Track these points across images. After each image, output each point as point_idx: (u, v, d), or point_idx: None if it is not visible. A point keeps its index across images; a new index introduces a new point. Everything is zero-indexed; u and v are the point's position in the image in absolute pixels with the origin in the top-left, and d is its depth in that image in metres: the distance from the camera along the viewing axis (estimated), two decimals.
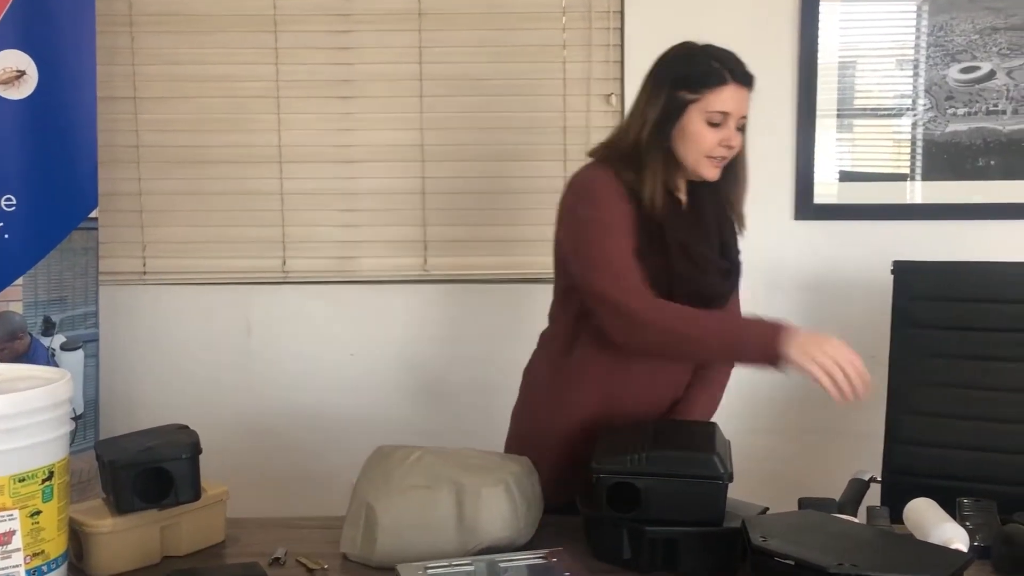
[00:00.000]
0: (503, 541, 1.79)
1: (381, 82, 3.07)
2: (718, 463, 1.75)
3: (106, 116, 3.00)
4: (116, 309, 3.10)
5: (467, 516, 1.78)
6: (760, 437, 3.05)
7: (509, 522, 1.80)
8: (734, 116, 1.98)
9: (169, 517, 1.86)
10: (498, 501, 1.80)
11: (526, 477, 1.88)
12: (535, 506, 1.88)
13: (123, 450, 1.85)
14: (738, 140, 2.01)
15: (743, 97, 1.99)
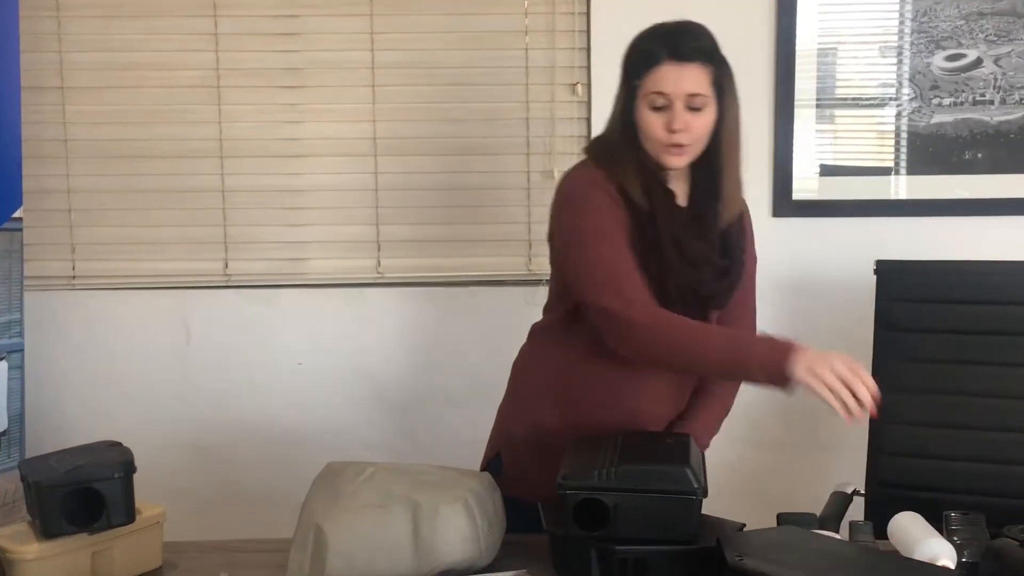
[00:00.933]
0: (463, 563, 1.79)
1: (330, 71, 3.06)
2: (691, 477, 1.76)
3: (31, 107, 2.97)
4: (43, 316, 3.07)
5: (424, 536, 1.77)
6: (736, 449, 3.06)
7: (469, 542, 1.80)
8: (677, 96, 1.97)
9: (101, 541, 1.84)
10: (457, 519, 1.79)
11: (487, 494, 1.88)
12: (497, 525, 1.88)
13: (50, 469, 1.83)
14: (684, 122, 1.97)
15: (685, 74, 1.97)
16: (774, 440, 3.10)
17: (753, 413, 3.09)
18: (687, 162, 2.03)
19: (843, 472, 2.59)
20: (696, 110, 1.98)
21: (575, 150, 3.05)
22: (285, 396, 3.11)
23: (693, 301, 2.01)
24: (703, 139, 2.02)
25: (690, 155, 2.02)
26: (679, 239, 2.01)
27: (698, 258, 2.03)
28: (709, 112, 2.00)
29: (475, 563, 1.81)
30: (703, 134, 2.01)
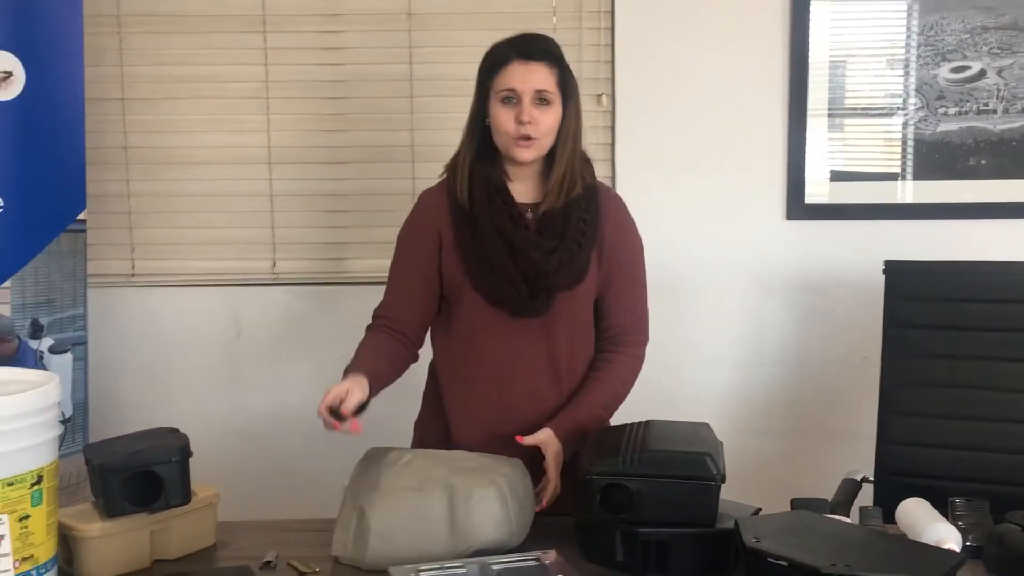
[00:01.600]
0: (496, 543, 1.79)
1: (370, 82, 3.07)
2: (710, 464, 1.75)
3: (94, 117, 2.98)
4: (104, 311, 3.09)
5: (459, 518, 1.78)
6: (752, 438, 3.06)
7: (502, 524, 1.80)
8: (525, 92, 2.02)
9: (159, 521, 1.86)
10: (490, 502, 1.80)
11: (518, 479, 1.88)
12: (527, 508, 1.88)
13: (112, 453, 1.84)
14: (532, 115, 2.02)
15: (532, 71, 2.03)
16: (788, 429, 3.08)
17: (769, 403, 3.08)
18: (535, 156, 2.07)
19: (853, 460, 2.57)
20: (544, 104, 2.03)
21: (601, 156, 3.06)
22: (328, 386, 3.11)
23: (535, 283, 2.06)
24: (550, 134, 2.06)
25: (538, 149, 2.06)
26: (503, 230, 2.06)
27: (524, 243, 2.06)
28: (555, 109, 2.06)
29: (507, 543, 1.81)
30: (549, 129, 2.06)
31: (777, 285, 3.06)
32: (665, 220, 3.05)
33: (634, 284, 2.20)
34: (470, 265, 2.08)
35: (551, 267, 2.05)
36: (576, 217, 2.09)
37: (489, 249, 2.06)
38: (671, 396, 3.04)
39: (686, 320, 3.07)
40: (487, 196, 2.08)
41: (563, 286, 2.08)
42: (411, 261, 2.16)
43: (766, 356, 3.08)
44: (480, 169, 2.10)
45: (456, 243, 2.11)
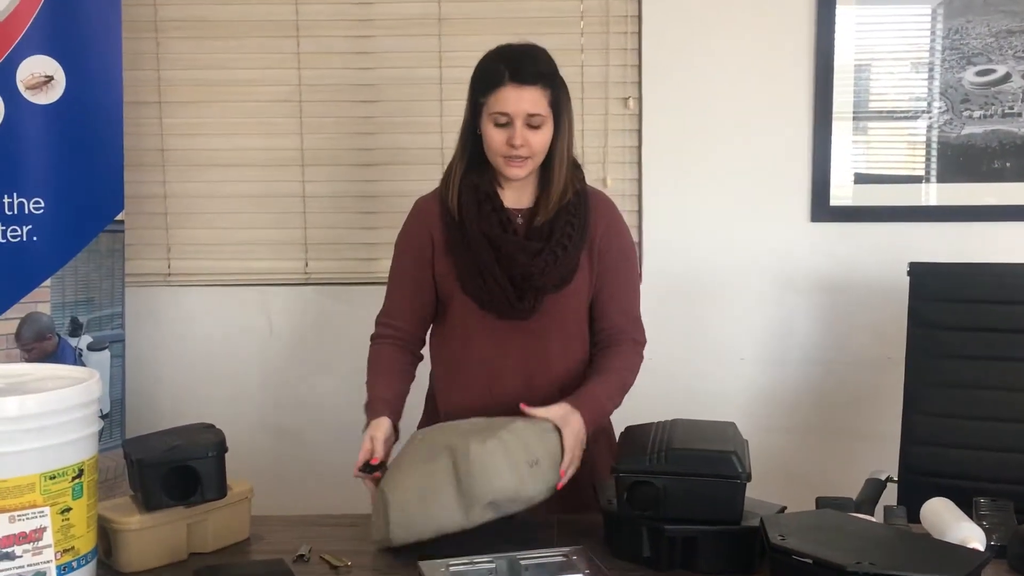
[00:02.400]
0: (503, 492, 1.79)
1: (401, 86, 3.08)
2: (736, 462, 1.75)
3: (132, 120, 3.01)
4: (141, 310, 3.12)
5: (462, 478, 1.80)
6: (778, 437, 3.05)
7: (504, 471, 1.80)
8: (517, 116, 2.02)
9: (196, 514, 1.87)
10: (490, 455, 1.81)
11: (533, 433, 1.88)
12: (547, 461, 1.87)
13: (151, 448, 1.86)
14: (524, 138, 2.02)
15: (524, 96, 2.01)
16: (813, 428, 3.07)
17: (794, 403, 3.07)
18: (527, 173, 2.08)
19: (878, 460, 2.56)
20: (535, 127, 2.03)
21: (627, 159, 3.06)
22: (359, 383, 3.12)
23: (522, 285, 2.06)
24: (541, 152, 2.07)
25: (529, 167, 2.08)
26: (491, 234, 2.07)
27: (511, 247, 2.06)
28: (546, 129, 2.06)
29: (518, 492, 1.81)
30: (541, 148, 2.06)
31: (802, 286, 3.05)
32: (691, 222, 3.05)
33: (627, 285, 2.20)
34: (460, 269, 2.10)
35: (537, 269, 2.06)
36: (564, 220, 2.10)
37: (477, 253, 2.07)
38: (697, 395, 3.04)
39: (712, 321, 3.07)
40: (476, 203, 2.09)
41: (550, 287, 2.08)
42: (407, 267, 2.19)
43: (791, 356, 3.07)
44: (470, 177, 2.11)
45: (447, 248, 2.12)
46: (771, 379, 3.09)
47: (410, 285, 2.19)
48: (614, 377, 2.11)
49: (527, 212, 2.12)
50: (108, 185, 2.84)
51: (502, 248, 2.06)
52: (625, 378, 2.13)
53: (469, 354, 2.13)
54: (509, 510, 1.83)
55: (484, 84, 2.06)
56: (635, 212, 3.05)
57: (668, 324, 2.96)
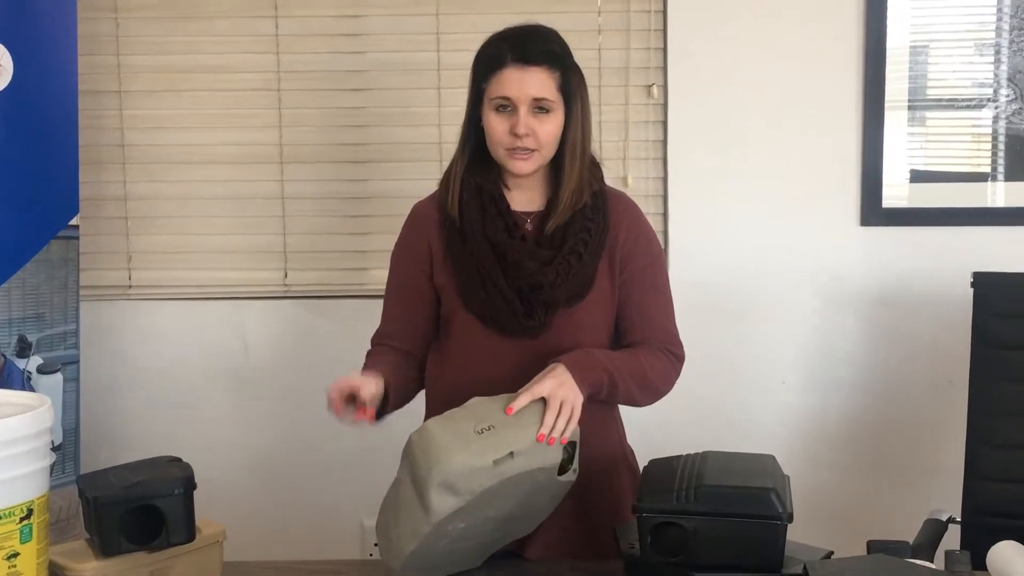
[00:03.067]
0: (452, 465, 1.75)
1: (395, 73, 3.09)
2: (776, 501, 1.75)
3: (88, 112, 3.03)
4: (99, 327, 3.13)
5: (411, 469, 1.80)
6: (823, 471, 3.04)
7: (445, 443, 1.77)
8: (521, 100, 2.01)
9: (160, 560, 1.87)
10: (428, 432, 1.81)
11: (493, 405, 1.87)
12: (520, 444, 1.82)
13: (109, 485, 1.86)
14: (529, 126, 2.02)
15: (528, 78, 2.01)
16: (864, 462, 3.07)
17: (842, 433, 3.07)
18: (534, 168, 2.07)
19: (938, 497, 2.56)
20: (542, 114, 2.03)
21: (651, 155, 3.06)
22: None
23: (529, 297, 2.05)
24: (550, 144, 2.06)
25: (537, 160, 2.06)
26: (495, 240, 2.07)
27: (518, 254, 2.06)
28: (555, 117, 2.05)
29: (468, 465, 1.76)
30: (550, 139, 2.05)
31: (850, 300, 3.05)
32: (724, 227, 3.05)
33: (655, 294, 2.18)
34: (461, 281, 2.10)
35: (547, 279, 2.05)
36: (579, 225, 2.09)
37: (479, 262, 2.07)
38: (731, 424, 3.04)
39: (748, 339, 3.07)
40: (479, 206, 2.09)
41: (562, 301, 2.07)
42: (404, 282, 2.20)
43: (838, 379, 3.07)
44: (473, 177, 2.11)
45: (446, 258, 2.13)
46: (815, 406, 3.08)
47: (409, 302, 2.18)
48: (626, 355, 2.09)
49: (538, 216, 2.12)
50: (61, 185, 2.85)
51: (508, 256, 2.06)
52: (644, 366, 2.08)
53: (469, 378, 2.10)
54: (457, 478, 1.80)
55: (485, 67, 2.07)
56: (660, 215, 3.06)
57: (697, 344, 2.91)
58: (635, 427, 2.27)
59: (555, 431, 1.83)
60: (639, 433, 2.29)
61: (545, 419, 1.83)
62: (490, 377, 2.05)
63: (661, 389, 2.13)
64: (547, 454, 1.82)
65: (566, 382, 1.90)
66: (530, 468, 1.80)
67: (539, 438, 1.81)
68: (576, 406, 1.88)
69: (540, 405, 1.86)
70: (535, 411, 1.85)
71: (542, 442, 1.81)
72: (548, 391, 1.87)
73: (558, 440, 1.83)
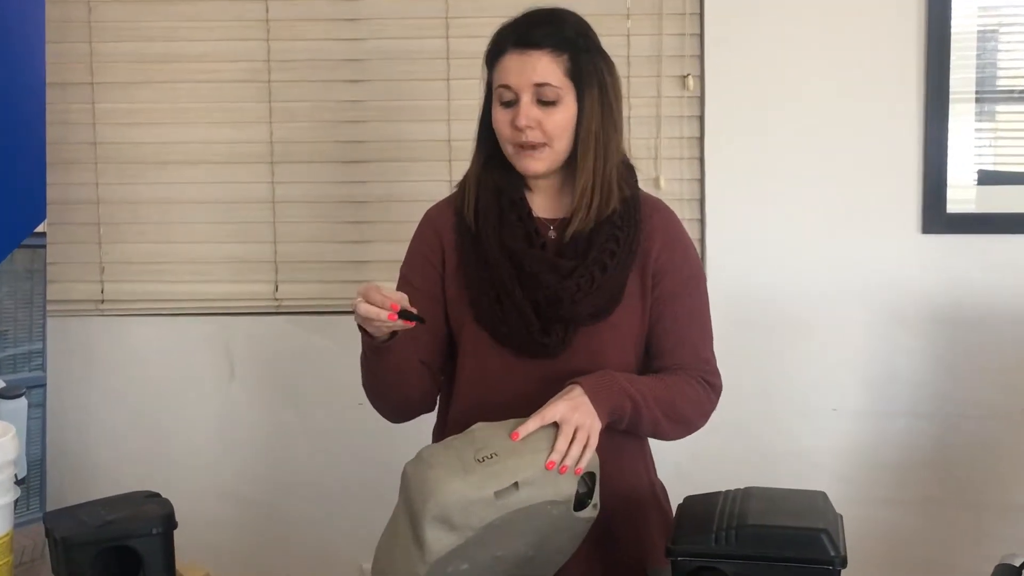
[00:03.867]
0: (448, 496, 1.75)
1: (398, 61, 3.10)
2: (828, 543, 1.74)
3: (56, 106, 3.05)
4: (67, 346, 3.15)
5: (406, 503, 1.79)
6: (880, 509, 3.03)
7: (443, 474, 1.77)
8: (521, 88, 2.01)
9: None
10: (424, 462, 1.80)
11: (498, 429, 1.86)
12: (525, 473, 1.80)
13: (79, 524, 1.87)
14: (532, 117, 2.01)
15: (529, 63, 2.01)
16: (924, 498, 3.06)
17: (901, 466, 3.06)
18: (545, 167, 2.07)
19: (1011, 539, 2.55)
20: (548, 104, 2.02)
21: (685, 154, 3.07)
22: (344, 441, 3.14)
23: (547, 314, 2.04)
24: (561, 137, 2.05)
25: (549, 158, 2.06)
26: (512, 248, 2.06)
27: (537, 264, 2.05)
28: (564, 107, 2.04)
29: (465, 497, 1.75)
30: (559, 132, 2.04)
31: (910, 316, 3.05)
32: (767, 235, 3.06)
33: (692, 316, 2.16)
34: (473, 292, 2.10)
35: (567, 293, 2.04)
36: (606, 233, 2.08)
37: (494, 272, 2.07)
38: (776, 456, 3.03)
39: (794, 360, 3.07)
40: (498, 210, 2.10)
41: (584, 318, 2.06)
42: (418, 285, 2.17)
43: (897, 405, 3.06)
44: (491, 179, 2.12)
45: (459, 267, 2.13)
46: (872, 436, 3.08)
47: (423, 305, 2.12)
48: (654, 380, 2.08)
49: (562, 224, 2.11)
50: (26, 188, 2.87)
51: (524, 265, 2.06)
52: (673, 394, 2.07)
53: (477, 402, 2.10)
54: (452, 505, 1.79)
55: (490, 55, 2.09)
56: (696, 221, 3.07)
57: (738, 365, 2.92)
58: (667, 461, 2.27)
59: (568, 459, 1.81)
60: (671, 467, 2.29)
61: (556, 445, 1.82)
62: (502, 402, 2.03)
63: (693, 422, 2.13)
64: (559, 485, 1.81)
65: (582, 405, 1.89)
66: (539, 501, 1.79)
67: (549, 466, 1.80)
68: (593, 433, 1.87)
69: (551, 431, 1.85)
70: (545, 437, 1.83)
71: (553, 471, 1.80)
72: (561, 415, 1.86)
73: (572, 469, 1.82)
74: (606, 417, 1.93)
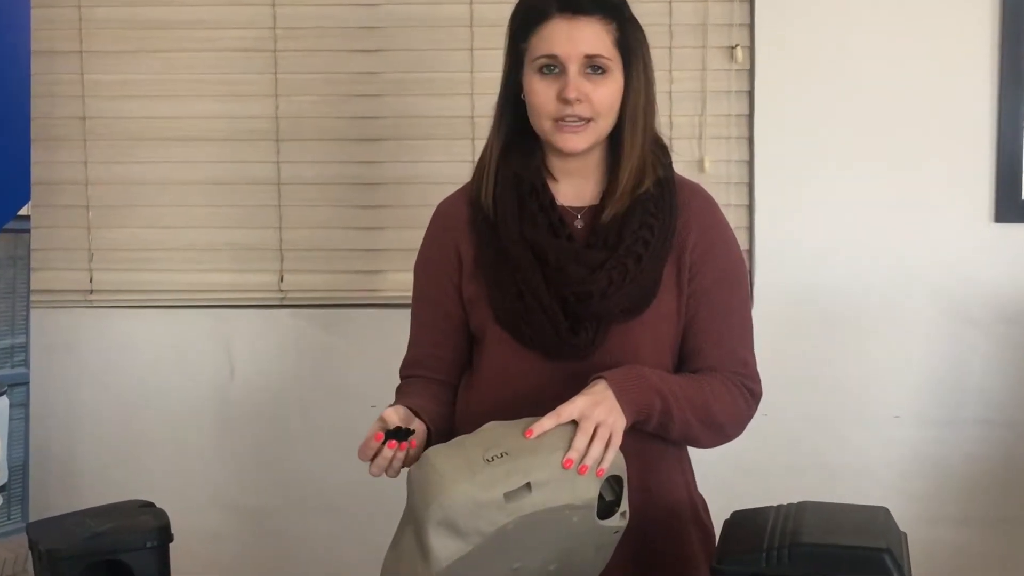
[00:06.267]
0: (454, 499, 1.74)
1: (417, 30, 3.11)
2: (891, 563, 1.74)
3: (42, 77, 3.06)
4: (53, 340, 3.16)
5: (412, 508, 1.79)
6: (949, 528, 3.03)
7: (449, 474, 1.75)
8: (570, 58, 1.99)
9: None
10: (430, 463, 1.79)
11: (511, 429, 1.85)
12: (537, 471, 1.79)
13: (66, 535, 1.88)
14: (581, 89, 1.99)
15: (579, 30, 2.00)
16: (999, 517, 3.06)
17: (971, 480, 3.05)
18: (588, 143, 2.04)
19: None
20: (597, 74, 2.01)
21: (733, 134, 3.06)
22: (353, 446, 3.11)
23: (576, 310, 2.03)
24: (608, 114, 2.04)
25: (593, 134, 2.04)
26: (535, 240, 2.05)
27: (563, 257, 2.04)
28: (613, 80, 2.02)
29: (473, 500, 1.73)
30: (607, 106, 2.03)
31: (983, 313, 3.04)
32: (822, 222, 3.05)
33: (730, 313, 2.14)
34: (493, 291, 2.09)
35: (597, 288, 2.03)
36: (639, 221, 2.07)
37: (515, 267, 2.06)
38: (831, 467, 3.02)
39: (851, 362, 3.07)
40: (517, 198, 2.09)
41: (616, 314, 2.05)
42: (432, 300, 2.19)
43: (967, 413, 3.06)
44: (510, 164, 2.11)
45: (477, 264, 2.12)
46: (938, 446, 3.07)
47: (438, 324, 2.18)
48: (687, 380, 2.07)
49: (590, 212, 2.11)
50: (8, 167, 2.89)
51: (549, 258, 2.05)
52: (708, 397, 2.06)
53: (501, 407, 2.06)
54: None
55: (525, 22, 2.06)
56: (744, 207, 3.07)
57: (789, 368, 2.95)
58: (711, 474, 2.26)
59: (588, 458, 1.79)
60: (714, 479, 2.29)
61: (575, 442, 1.79)
62: (527, 406, 1.99)
63: (728, 429, 2.11)
64: (577, 488, 1.78)
65: (604, 401, 1.88)
66: (555, 505, 1.77)
67: (566, 464, 1.77)
68: (616, 431, 1.84)
69: (570, 429, 1.82)
70: (563, 435, 1.81)
71: (570, 472, 1.77)
72: (581, 411, 1.83)
73: (592, 470, 1.80)
74: (632, 415, 1.91)
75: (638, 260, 2.04)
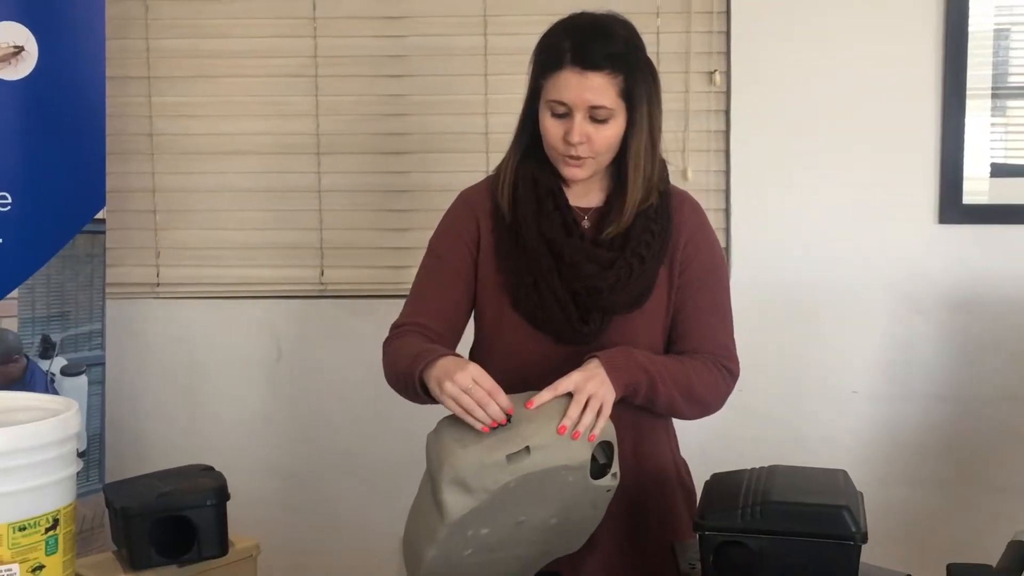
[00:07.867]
0: (465, 459, 1.77)
1: (439, 58, 3.10)
2: (849, 519, 1.73)
3: (115, 99, 3.06)
4: (125, 327, 3.16)
5: (429, 471, 1.82)
6: (899, 488, 3.02)
7: (458, 438, 1.79)
8: (577, 107, 1.98)
9: (191, 574, 1.89)
10: (442, 430, 1.83)
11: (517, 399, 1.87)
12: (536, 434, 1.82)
13: (137, 495, 1.88)
14: (584, 133, 1.98)
15: (587, 84, 1.97)
16: (941, 479, 3.04)
17: (919, 447, 3.05)
18: (587, 175, 2.05)
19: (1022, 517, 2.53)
20: (599, 122, 2.00)
21: (712, 147, 3.06)
22: (388, 421, 3.14)
23: (586, 302, 2.03)
24: (606, 152, 2.03)
25: (592, 168, 2.04)
26: (551, 237, 2.05)
27: (576, 254, 2.04)
28: (614, 125, 2.01)
29: (480, 460, 1.76)
30: (606, 147, 2.02)
31: (927, 303, 3.03)
32: (789, 224, 3.04)
33: (713, 305, 2.15)
34: (510, 279, 2.09)
35: (606, 284, 2.04)
36: (642, 227, 2.07)
37: (533, 260, 2.06)
38: (798, 437, 3.02)
39: (815, 345, 3.06)
40: (535, 199, 2.08)
41: (620, 307, 2.06)
42: (447, 262, 2.14)
43: (915, 389, 3.05)
44: (528, 168, 2.10)
45: (495, 250, 2.11)
46: (890, 418, 3.06)
47: (451, 284, 2.13)
48: (672, 360, 2.07)
49: (596, 213, 2.11)
50: (87, 177, 2.88)
51: (564, 255, 2.06)
52: (690, 375, 2.06)
53: (514, 384, 2.10)
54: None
55: (543, 64, 2.04)
56: (721, 211, 3.06)
57: (762, 350, 2.94)
58: (692, 441, 2.27)
59: (581, 425, 1.81)
60: (696, 448, 2.28)
61: (569, 412, 1.82)
62: (535, 383, 1.98)
63: (709, 403, 2.11)
64: (571, 450, 1.80)
65: (596, 376, 1.89)
66: (552, 465, 1.79)
67: (560, 430, 1.80)
68: (606, 402, 1.86)
69: (566, 400, 1.85)
70: (558, 406, 1.84)
71: (565, 436, 1.80)
72: (575, 384, 1.86)
73: (585, 436, 1.82)
74: (621, 389, 1.92)
75: (641, 261, 2.06)
